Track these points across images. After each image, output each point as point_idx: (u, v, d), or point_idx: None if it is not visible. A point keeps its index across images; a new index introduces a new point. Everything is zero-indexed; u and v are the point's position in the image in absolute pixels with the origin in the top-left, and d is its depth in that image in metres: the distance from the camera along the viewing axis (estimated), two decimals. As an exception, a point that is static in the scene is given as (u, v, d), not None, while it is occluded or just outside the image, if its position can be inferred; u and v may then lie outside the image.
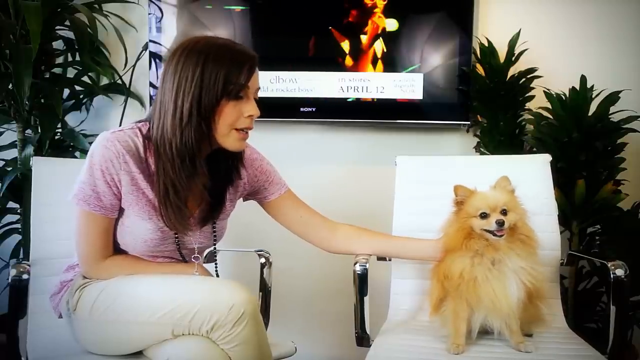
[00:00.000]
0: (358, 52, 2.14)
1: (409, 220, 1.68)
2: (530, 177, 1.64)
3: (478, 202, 1.31)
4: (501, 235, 1.28)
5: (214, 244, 1.39)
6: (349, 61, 2.14)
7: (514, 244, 1.30)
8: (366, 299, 1.47)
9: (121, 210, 1.26)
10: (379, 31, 2.12)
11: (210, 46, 1.21)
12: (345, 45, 2.14)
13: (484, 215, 1.29)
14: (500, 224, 1.27)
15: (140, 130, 1.25)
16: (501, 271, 1.29)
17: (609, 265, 1.38)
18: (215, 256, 1.44)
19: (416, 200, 1.70)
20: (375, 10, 2.12)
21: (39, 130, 2.02)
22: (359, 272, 1.45)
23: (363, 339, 1.47)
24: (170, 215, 1.22)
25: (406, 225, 1.67)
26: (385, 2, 2.11)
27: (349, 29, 2.13)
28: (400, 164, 1.75)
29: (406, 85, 2.13)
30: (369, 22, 2.12)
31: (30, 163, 1.55)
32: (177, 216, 1.23)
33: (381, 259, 1.60)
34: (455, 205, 1.36)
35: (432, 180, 1.71)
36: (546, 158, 1.66)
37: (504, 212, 1.29)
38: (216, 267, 1.44)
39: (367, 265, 1.46)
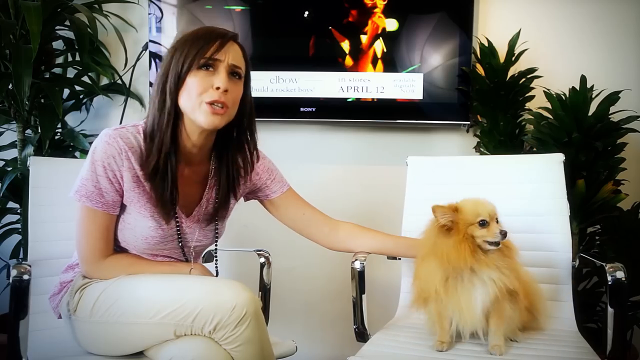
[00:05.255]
0: (358, 52, 2.14)
1: (419, 220, 1.67)
2: (543, 177, 1.64)
3: (477, 209, 1.28)
4: (499, 245, 1.28)
5: (215, 243, 1.40)
6: (349, 61, 2.14)
7: (495, 255, 1.29)
8: (364, 295, 1.49)
9: (123, 208, 1.26)
10: (379, 31, 2.12)
11: (187, 33, 1.25)
12: (345, 45, 2.14)
13: (483, 224, 1.27)
14: (504, 234, 1.26)
15: (142, 127, 1.26)
16: (471, 282, 1.28)
17: (606, 267, 1.36)
18: (215, 255, 1.45)
19: (427, 200, 1.69)
20: (375, 10, 2.12)
21: (39, 130, 2.01)
22: (358, 269, 1.47)
23: (363, 335, 1.48)
24: (158, 201, 1.23)
25: (415, 224, 1.66)
26: (385, 2, 2.11)
27: (349, 29, 2.13)
28: (412, 164, 1.76)
29: (406, 85, 2.13)
30: (369, 22, 2.12)
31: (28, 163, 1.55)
32: (162, 202, 1.23)
33: (391, 258, 1.61)
34: (439, 226, 1.31)
35: (444, 181, 1.72)
36: (559, 157, 1.64)
37: (497, 221, 1.29)
38: (216, 266, 1.44)
39: (365, 263, 1.48)
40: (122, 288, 1.21)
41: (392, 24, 2.12)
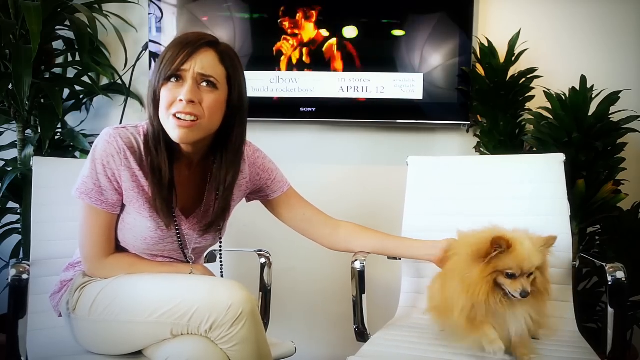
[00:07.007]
0: (358, 52, 2.13)
1: (419, 220, 1.69)
2: (543, 177, 1.63)
3: (509, 261, 1.19)
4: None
5: (219, 244, 1.40)
6: (349, 61, 2.14)
7: (526, 303, 1.23)
8: (364, 295, 1.49)
9: (123, 208, 1.26)
10: (379, 31, 2.12)
11: (171, 41, 1.24)
12: (345, 45, 2.14)
13: (510, 276, 1.20)
14: (524, 295, 1.18)
15: (143, 128, 1.27)
16: (503, 317, 1.23)
17: (606, 267, 1.35)
18: (219, 256, 1.45)
19: (427, 200, 1.71)
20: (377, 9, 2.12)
21: (39, 130, 2.01)
22: (358, 269, 1.48)
23: (363, 334, 1.49)
24: (157, 202, 1.22)
25: (416, 225, 1.68)
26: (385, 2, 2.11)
27: (349, 29, 2.13)
28: (412, 164, 1.76)
29: (406, 85, 2.12)
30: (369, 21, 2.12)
31: (31, 163, 1.55)
32: (159, 205, 1.23)
33: (392, 258, 1.61)
34: (485, 256, 1.21)
35: (444, 180, 1.72)
36: (560, 157, 1.63)
37: (530, 275, 1.21)
38: (221, 268, 1.44)
39: (365, 263, 1.48)
40: (121, 287, 1.21)
41: (391, 24, 2.11)
